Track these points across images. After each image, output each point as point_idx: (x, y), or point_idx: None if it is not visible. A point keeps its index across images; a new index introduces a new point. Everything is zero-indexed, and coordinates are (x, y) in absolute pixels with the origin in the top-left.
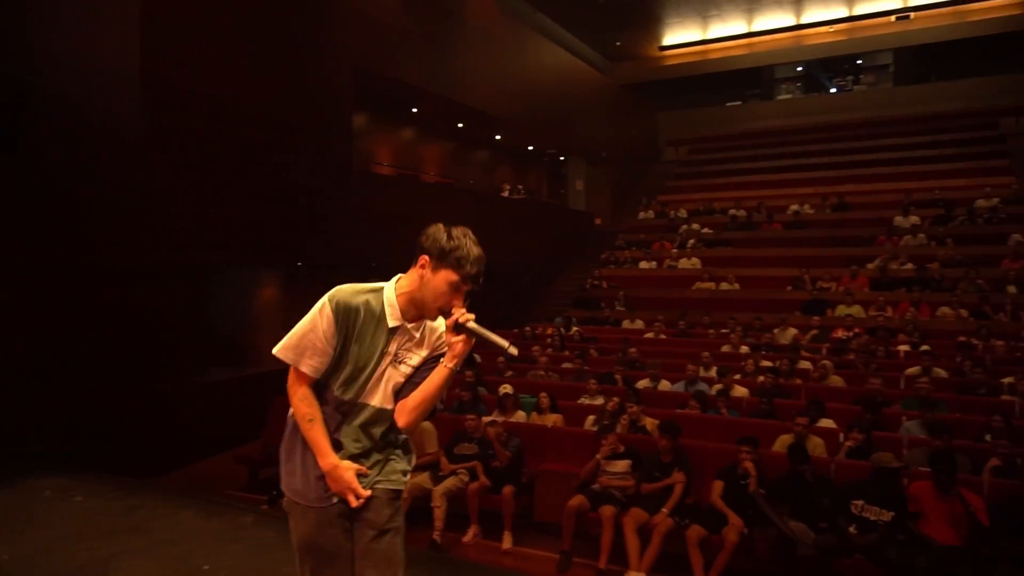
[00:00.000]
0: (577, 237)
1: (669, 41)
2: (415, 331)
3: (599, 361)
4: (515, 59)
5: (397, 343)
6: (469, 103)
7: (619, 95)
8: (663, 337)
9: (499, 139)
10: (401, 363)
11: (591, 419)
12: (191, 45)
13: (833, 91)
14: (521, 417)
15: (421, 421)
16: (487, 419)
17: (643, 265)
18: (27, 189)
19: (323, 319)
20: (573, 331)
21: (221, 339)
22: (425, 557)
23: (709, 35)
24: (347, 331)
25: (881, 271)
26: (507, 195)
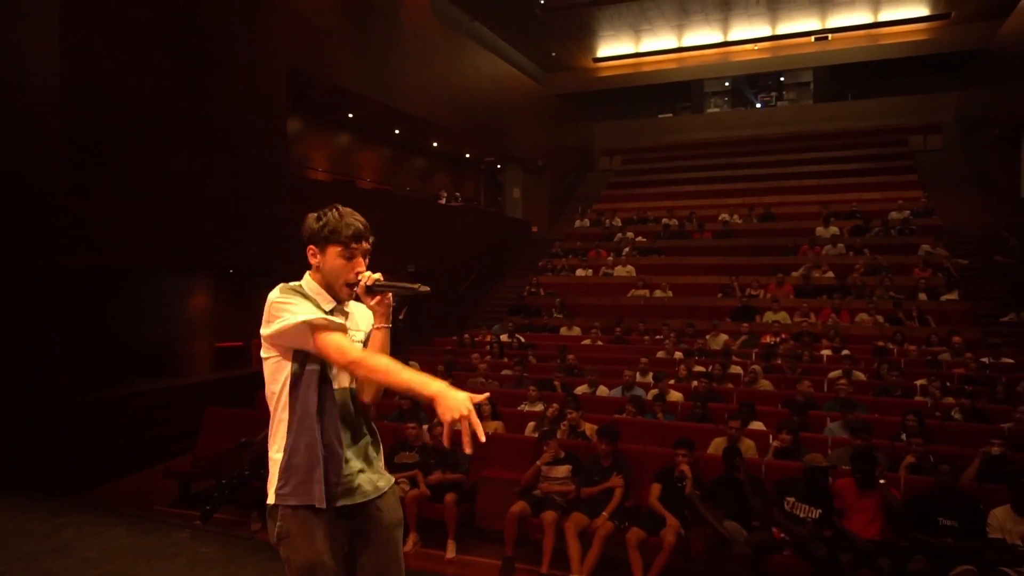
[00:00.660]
0: (514, 245)
1: (603, 53)
2: (347, 309)
3: (538, 368)
4: (452, 66)
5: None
6: (406, 109)
7: (555, 105)
8: (600, 344)
9: (436, 146)
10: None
11: (531, 425)
12: (113, 42)
13: (759, 106)
14: None
15: (381, 391)
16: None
17: (580, 273)
18: None
19: (291, 297)
20: (512, 338)
21: (149, 347)
22: None
23: (641, 48)
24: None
25: (804, 279)
26: (444, 202)
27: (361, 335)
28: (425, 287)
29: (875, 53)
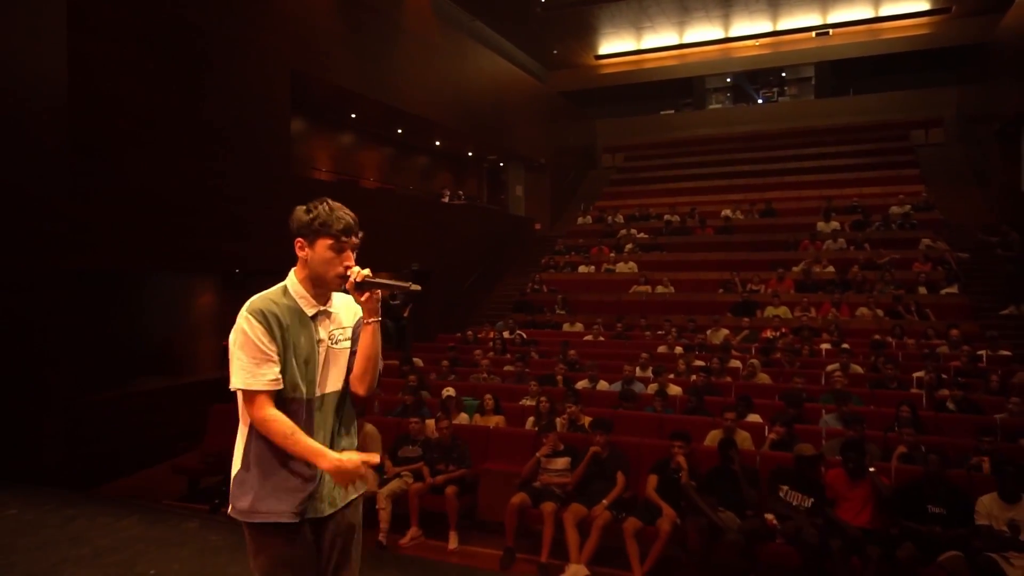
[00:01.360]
0: (517, 242)
1: (605, 50)
2: (331, 309)
3: (540, 363)
4: (453, 65)
5: (324, 327)
6: (407, 109)
7: (557, 102)
8: (602, 339)
9: (438, 145)
10: (337, 343)
11: (532, 419)
12: (118, 49)
13: (760, 102)
14: (464, 419)
15: (375, 381)
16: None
17: (582, 269)
18: None
19: (252, 331)
20: (515, 335)
21: (155, 347)
22: (371, 555)
23: (643, 45)
24: (280, 333)
25: (805, 274)
26: (447, 201)
27: (348, 333)
28: (416, 286)
29: (876, 48)
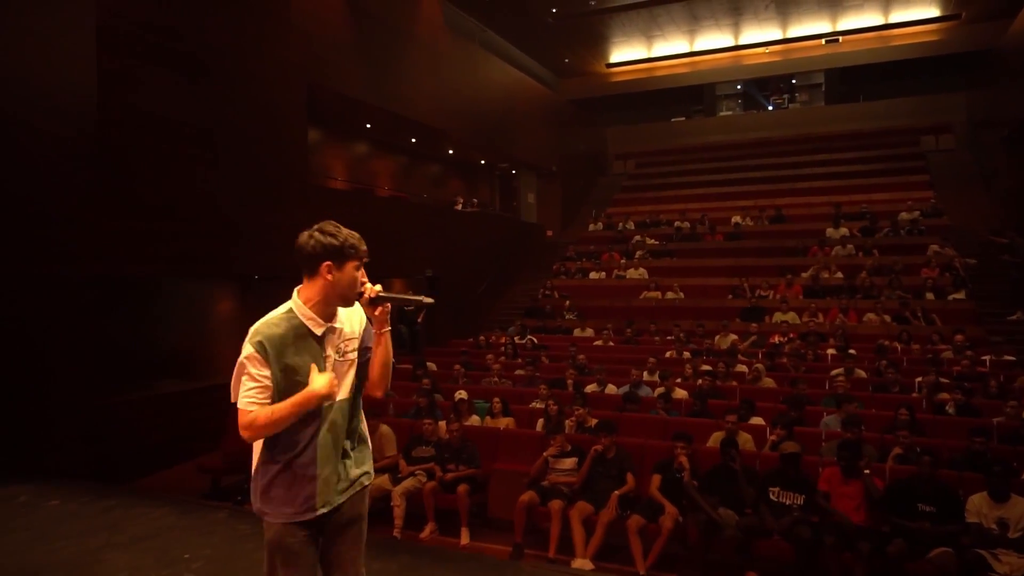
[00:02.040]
0: (529, 249)
1: (616, 58)
2: (337, 325)
3: (550, 368)
4: (464, 76)
5: (331, 344)
6: (420, 119)
7: (568, 110)
8: (611, 344)
9: (451, 153)
10: (344, 355)
11: (541, 422)
12: (144, 67)
13: (770, 108)
14: (475, 421)
15: (389, 383)
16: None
17: (593, 275)
18: None
19: (250, 363)
20: (526, 339)
21: (175, 351)
22: (388, 544)
23: (654, 53)
24: (280, 356)
25: (814, 279)
26: (460, 208)
27: (355, 345)
28: (428, 299)
29: (886, 54)
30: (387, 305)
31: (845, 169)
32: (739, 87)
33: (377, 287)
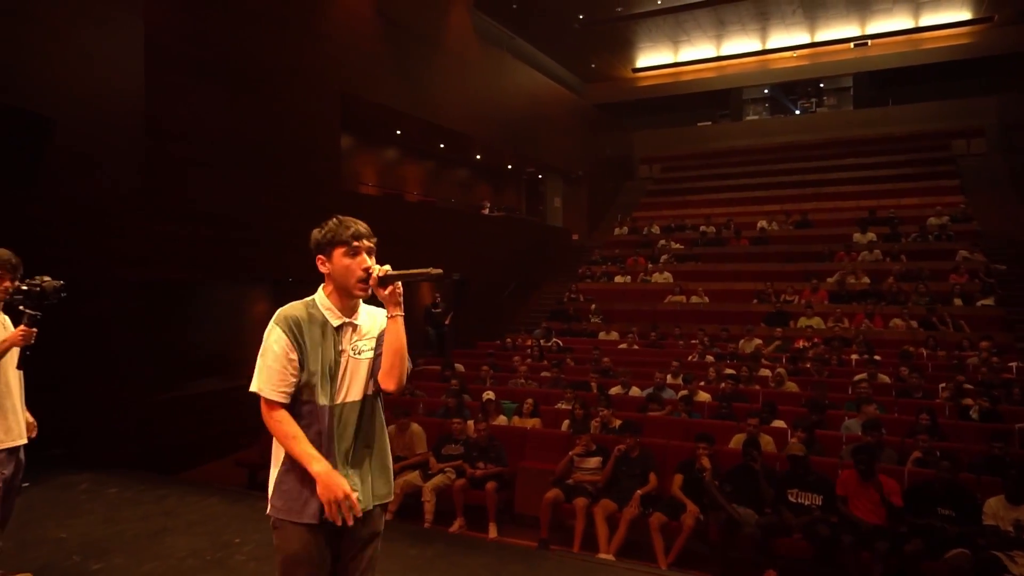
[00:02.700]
0: (555, 252)
1: (642, 63)
2: (356, 321)
3: (575, 370)
4: (492, 82)
5: (347, 339)
6: (449, 125)
7: (594, 115)
8: (636, 348)
9: (478, 158)
10: (360, 353)
11: (567, 422)
12: (188, 80)
13: (797, 113)
14: (503, 421)
15: (404, 376)
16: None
17: (618, 279)
18: (45, 215)
19: (276, 342)
20: (551, 342)
21: (214, 351)
22: (421, 534)
23: (680, 58)
24: (300, 341)
25: (839, 285)
26: (487, 212)
27: (371, 344)
28: (437, 269)
29: (916, 58)
30: (398, 286)
31: (873, 174)
32: (766, 91)
33: (385, 267)
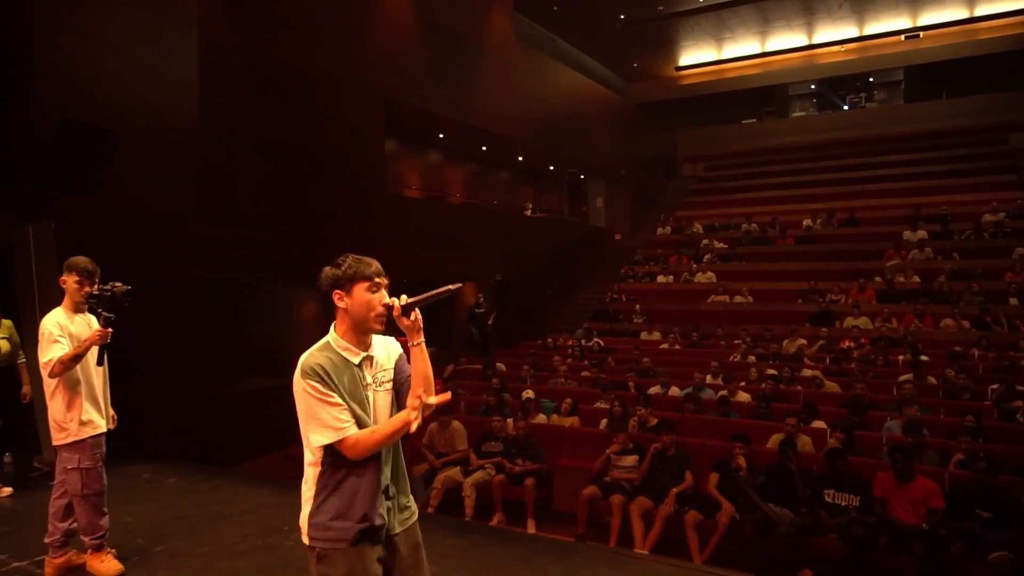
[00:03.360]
0: (597, 253)
1: (685, 61)
2: (372, 353)
3: (615, 370)
4: (533, 84)
5: (370, 372)
6: (491, 128)
7: (636, 114)
8: (677, 348)
9: (520, 160)
10: (381, 384)
11: (605, 421)
12: (240, 88)
13: (845, 108)
14: (542, 419)
15: (431, 396)
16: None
17: (660, 279)
18: (112, 221)
19: (311, 389)
20: (592, 342)
21: (264, 350)
22: (459, 525)
23: (724, 55)
24: (332, 384)
25: (888, 284)
26: (530, 214)
27: (390, 374)
28: (456, 285)
29: (971, 49)
30: (418, 314)
31: (924, 170)
32: (812, 87)
33: (402, 297)
